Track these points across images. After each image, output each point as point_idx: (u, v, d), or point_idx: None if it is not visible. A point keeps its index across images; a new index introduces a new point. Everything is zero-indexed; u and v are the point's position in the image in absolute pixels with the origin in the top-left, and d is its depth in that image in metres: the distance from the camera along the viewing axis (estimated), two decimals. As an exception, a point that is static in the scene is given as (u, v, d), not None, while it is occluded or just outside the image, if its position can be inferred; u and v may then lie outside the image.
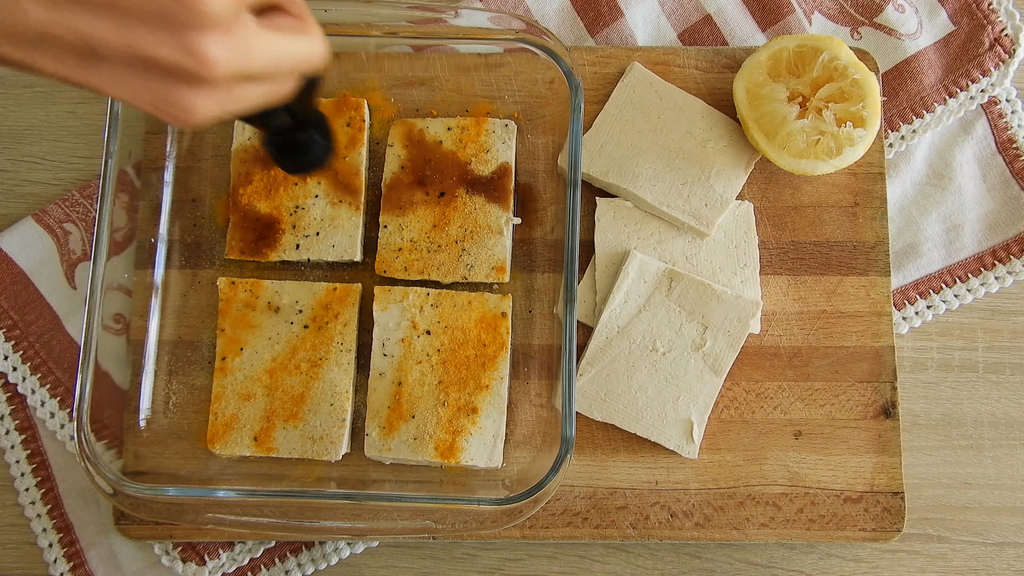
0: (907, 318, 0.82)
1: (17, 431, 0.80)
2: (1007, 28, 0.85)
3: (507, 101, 0.81)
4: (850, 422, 0.78)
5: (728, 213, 0.80)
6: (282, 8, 0.50)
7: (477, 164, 0.78)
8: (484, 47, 0.80)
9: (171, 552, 0.78)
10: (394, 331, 0.76)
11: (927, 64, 0.85)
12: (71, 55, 0.43)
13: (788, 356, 0.79)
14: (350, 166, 0.78)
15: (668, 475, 0.77)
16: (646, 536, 0.76)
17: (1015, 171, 0.84)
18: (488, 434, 0.75)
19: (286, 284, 0.77)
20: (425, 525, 0.71)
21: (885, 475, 0.77)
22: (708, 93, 0.82)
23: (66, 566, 0.78)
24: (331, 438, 0.75)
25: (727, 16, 0.86)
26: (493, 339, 0.76)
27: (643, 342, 0.77)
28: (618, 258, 0.79)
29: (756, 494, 0.77)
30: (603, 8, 0.85)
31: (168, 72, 0.44)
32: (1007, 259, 0.83)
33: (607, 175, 0.79)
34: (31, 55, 0.44)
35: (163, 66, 0.43)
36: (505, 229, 0.78)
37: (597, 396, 0.77)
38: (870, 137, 0.77)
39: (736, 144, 0.80)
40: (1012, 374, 0.82)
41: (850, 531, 0.76)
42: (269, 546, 0.78)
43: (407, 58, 0.82)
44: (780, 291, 0.80)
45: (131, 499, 0.70)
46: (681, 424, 0.77)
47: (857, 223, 0.81)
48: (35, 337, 0.80)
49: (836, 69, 0.77)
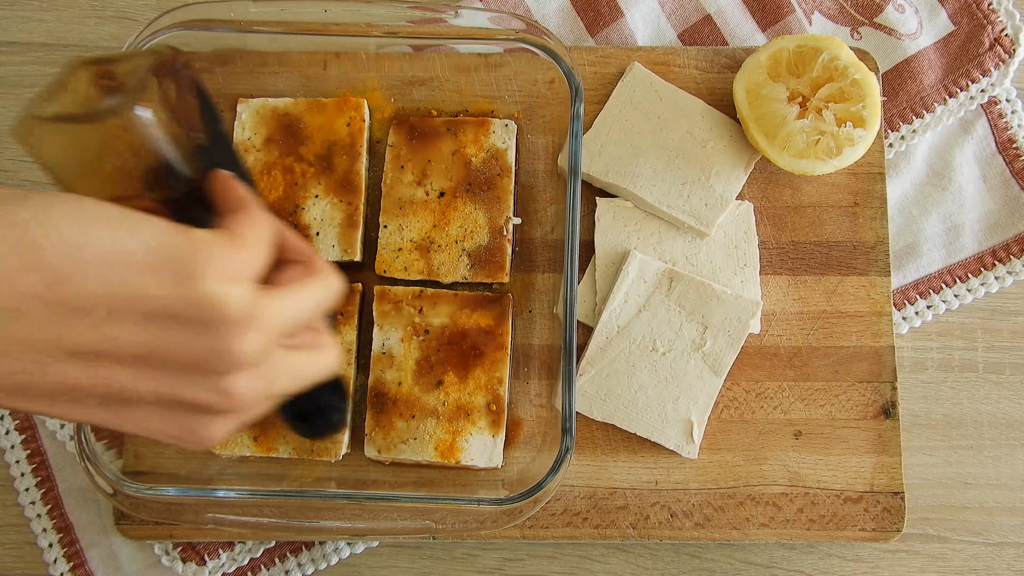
0: (907, 318, 0.82)
1: (17, 431, 0.80)
2: (1007, 28, 0.85)
3: (507, 101, 0.81)
4: (850, 422, 0.78)
5: (728, 213, 0.80)
6: (289, 260, 0.50)
7: (477, 164, 0.78)
8: (484, 47, 0.80)
9: (171, 552, 0.78)
10: (394, 331, 0.76)
11: (927, 64, 0.85)
12: (97, 403, 0.43)
13: (788, 356, 0.79)
14: (350, 166, 0.78)
15: (668, 475, 0.77)
16: (646, 536, 0.76)
17: (1015, 171, 0.84)
18: (488, 434, 0.75)
19: (286, 284, 0.77)
20: (425, 525, 0.71)
21: (885, 475, 0.77)
22: (708, 93, 0.82)
23: (66, 566, 0.78)
24: (331, 438, 0.75)
25: (727, 16, 0.86)
26: (493, 339, 0.76)
27: (643, 342, 0.77)
28: (618, 258, 0.79)
29: (756, 494, 0.77)
30: (603, 8, 0.85)
31: (194, 408, 0.44)
32: (1007, 259, 0.83)
33: (607, 175, 0.79)
34: (58, 407, 0.43)
35: (190, 405, 0.43)
36: (505, 229, 0.78)
37: (597, 396, 0.77)
38: (870, 137, 0.77)
39: (736, 144, 0.80)
40: (1012, 374, 0.82)
41: (850, 531, 0.76)
42: (269, 546, 0.78)
43: (407, 58, 0.82)
44: (780, 291, 0.80)
45: (131, 499, 0.70)
46: (681, 424, 0.77)
47: (857, 223, 0.81)
48: (35, 337, 0.80)
49: (836, 69, 0.77)
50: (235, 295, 0.41)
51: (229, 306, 0.41)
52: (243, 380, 0.43)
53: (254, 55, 0.81)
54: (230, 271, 0.42)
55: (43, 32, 0.85)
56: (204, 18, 0.75)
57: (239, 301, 0.42)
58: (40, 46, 0.85)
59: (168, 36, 0.75)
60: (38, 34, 0.85)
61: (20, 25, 0.85)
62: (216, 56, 0.80)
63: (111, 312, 0.40)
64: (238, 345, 0.42)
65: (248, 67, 0.81)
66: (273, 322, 0.44)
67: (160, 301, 0.40)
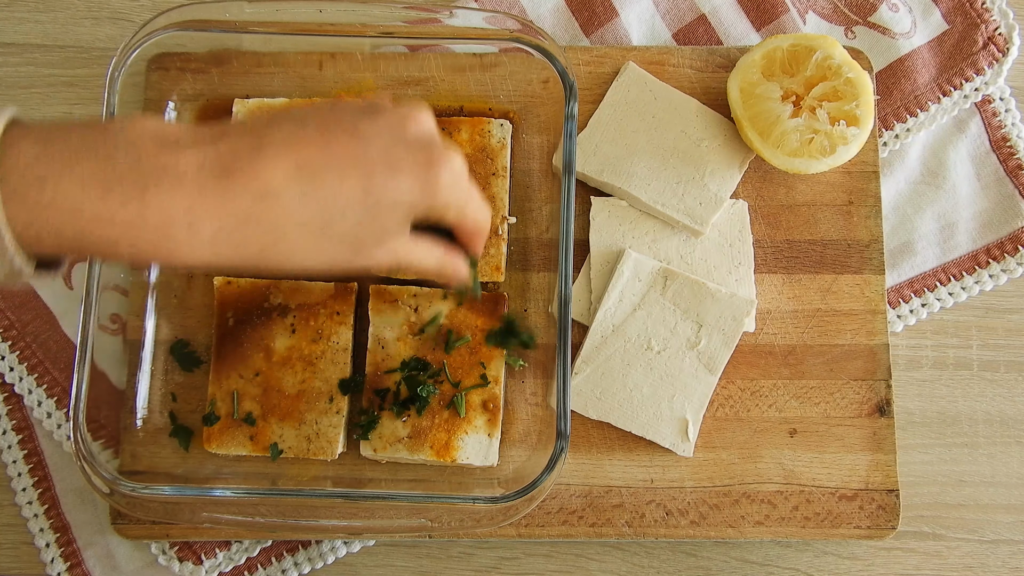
0: (902, 316, 0.82)
1: (14, 431, 0.80)
2: (1000, 27, 0.85)
3: (502, 101, 0.81)
4: (845, 420, 0.78)
5: (722, 212, 0.80)
6: None
7: (472, 163, 0.78)
8: (479, 47, 0.80)
9: (168, 552, 0.78)
10: (389, 330, 0.76)
11: (921, 63, 0.85)
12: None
13: (783, 354, 0.79)
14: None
15: (663, 473, 0.77)
16: (642, 534, 0.76)
17: (1009, 169, 0.84)
18: (483, 433, 0.75)
19: (282, 284, 0.77)
20: (421, 524, 0.72)
21: (880, 473, 0.77)
22: (702, 92, 0.82)
23: (63, 566, 0.78)
24: (327, 437, 0.75)
25: (721, 16, 0.86)
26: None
27: (638, 341, 0.77)
28: (613, 257, 0.79)
29: (751, 492, 0.77)
30: (598, 8, 0.86)
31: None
32: (1001, 257, 0.83)
33: (602, 174, 0.79)
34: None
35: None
36: (500, 228, 0.78)
37: (592, 394, 0.77)
38: (864, 136, 0.77)
39: (730, 143, 0.80)
40: (1006, 372, 0.82)
41: (845, 529, 0.77)
42: (266, 545, 0.79)
43: (402, 58, 0.82)
44: (775, 289, 0.80)
45: (128, 498, 0.70)
46: (676, 422, 0.77)
47: (851, 221, 0.81)
48: (32, 337, 0.80)
49: (830, 68, 0.77)
50: None
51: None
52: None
53: (250, 55, 0.81)
54: None
55: (39, 34, 0.85)
56: (200, 19, 0.75)
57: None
58: (36, 47, 0.85)
59: (164, 37, 0.75)
60: (34, 35, 0.85)
61: (16, 27, 0.85)
62: (212, 57, 0.81)
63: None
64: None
65: (244, 67, 0.81)
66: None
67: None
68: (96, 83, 0.84)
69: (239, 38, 0.79)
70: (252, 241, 0.51)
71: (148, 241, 0.49)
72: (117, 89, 0.74)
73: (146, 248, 0.49)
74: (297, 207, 0.51)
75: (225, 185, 0.49)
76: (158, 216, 0.48)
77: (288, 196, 0.50)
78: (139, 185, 0.48)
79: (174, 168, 0.49)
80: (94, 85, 0.84)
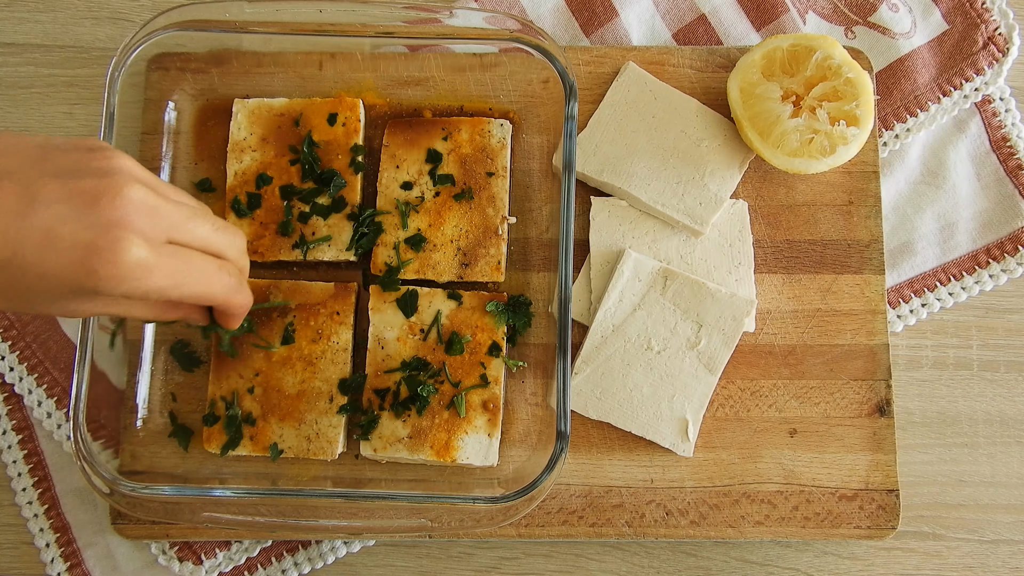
0: (902, 316, 0.82)
1: (14, 431, 0.80)
2: (1000, 27, 0.85)
3: (502, 101, 0.81)
4: (845, 420, 0.78)
5: (722, 212, 0.80)
6: None
7: (472, 164, 0.78)
8: (479, 47, 0.80)
9: (168, 552, 0.78)
10: (389, 330, 0.76)
11: (921, 63, 0.85)
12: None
13: (783, 354, 0.79)
14: (345, 165, 0.78)
15: (663, 473, 0.77)
16: (642, 534, 0.76)
17: (1009, 169, 0.84)
18: (484, 433, 0.75)
19: (282, 284, 0.77)
20: (421, 524, 0.72)
21: (880, 473, 0.77)
22: (702, 92, 0.82)
23: (63, 566, 0.78)
24: (327, 437, 0.75)
25: (721, 16, 0.86)
26: (489, 338, 0.76)
27: (638, 341, 0.77)
28: (613, 257, 0.79)
29: (751, 492, 0.77)
30: (598, 8, 0.86)
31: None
32: (1001, 257, 0.83)
33: (602, 174, 0.79)
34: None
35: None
36: (500, 228, 0.78)
37: (592, 394, 0.77)
38: (864, 136, 0.77)
39: (730, 143, 0.80)
40: (1006, 372, 0.82)
41: (845, 529, 0.77)
42: (266, 545, 0.79)
43: (402, 58, 0.82)
44: (775, 289, 0.80)
45: (128, 498, 0.70)
46: (676, 422, 0.77)
47: (851, 221, 0.81)
48: (32, 337, 0.80)
49: (830, 68, 0.77)
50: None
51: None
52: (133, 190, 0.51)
53: (250, 55, 0.81)
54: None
55: (39, 33, 0.85)
56: (200, 19, 0.75)
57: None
58: (36, 47, 0.85)
59: (164, 37, 0.75)
60: (34, 35, 0.85)
61: (16, 27, 0.85)
62: (212, 57, 0.81)
63: None
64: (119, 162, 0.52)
65: (244, 67, 0.81)
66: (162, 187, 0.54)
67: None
68: (96, 83, 0.84)
69: (239, 38, 0.79)
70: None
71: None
72: (117, 89, 0.74)
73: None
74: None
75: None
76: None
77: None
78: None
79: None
80: (94, 85, 0.84)
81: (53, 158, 0.51)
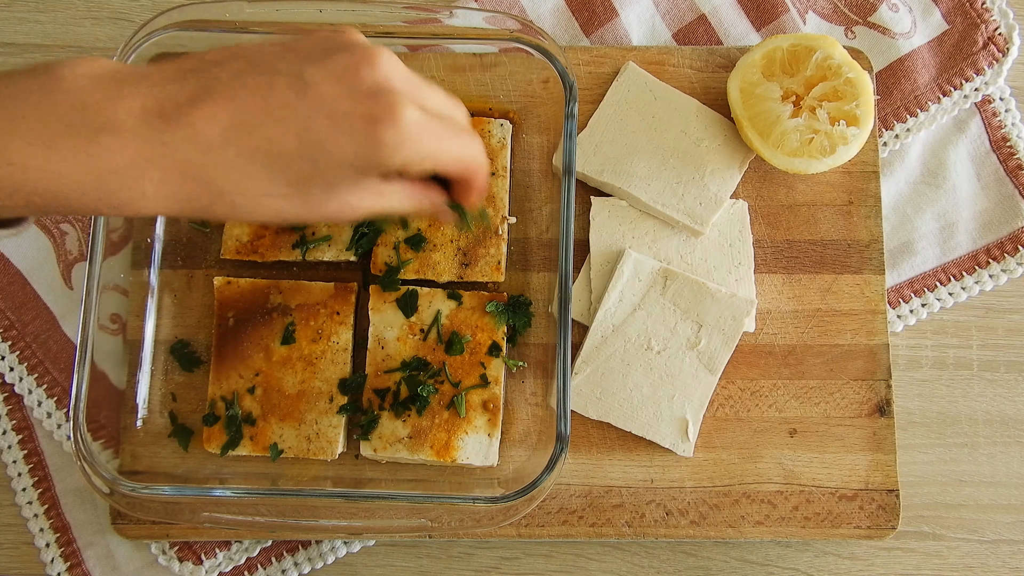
0: (902, 316, 0.82)
1: (14, 431, 0.80)
2: (1000, 27, 0.85)
3: (502, 101, 0.81)
4: (845, 420, 0.78)
5: (722, 212, 0.80)
6: None
7: (472, 164, 0.78)
8: (479, 47, 0.80)
9: (168, 552, 0.78)
10: (389, 330, 0.76)
11: (921, 63, 0.85)
12: None
13: (783, 354, 0.79)
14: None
15: (663, 473, 0.77)
16: (642, 534, 0.76)
17: (1009, 169, 0.84)
18: (484, 433, 0.75)
19: (282, 284, 0.77)
20: (421, 524, 0.72)
21: (880, 473, 0.77)
22: (702, 92, 0.82)
23: (63, 566, 0.78)
24: (327, 437, 0.75)
25: (721, 16, 0.86)
26: (489, 338, 0.76)
27: (638, 341, 0.77)
28: (613, 257, 0.79)
29: (751, 492, 0.77)
30: (598, 8, 0.86)
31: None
32: (1001, 257, 0.83)
33: (602, 174, 0.79)
34: None
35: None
36: (500, 228, 0.78)
37: (592, 394, 0.77)
38: (864, 136, 0.77)
39: (730, 143, 0.80)
40: (1006, 372, 0.82)
41: (845, 529, 0.77)
42: (266, 545, 0.79)
43: (402, 58, 0.81)
44: (775, 289, 0.80)
45: (128, 498, 0.70)
46: (676, 422, 0.77)
47: (851, 221, 0.81)
48: (32, 337, 0.80)
49: (830, 68, 0.77)
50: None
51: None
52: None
53: (250, 55, 0.81)
54: None
55: (39, 33, 0.85)
56: (200, 19, 0.75)
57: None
58: (36, 47, 0.85)
59: (164, 37, 0.75)
60: (34, 35, 0.85)
61: (16, 26, 0.85)
62: (212, 57, 0.80)
63: None
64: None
65: (244, 67, 0.81)
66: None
67: None
68: (96, 83, 0.84)
69: (239, 38, 0.79)
70: (196, 196, 0.50)
71: (95, 195, 0.48)
72: (117, 89, 0.74)
73: (95, 201, 0.48)
74: (233, 167, 0.50)
75: (165, 135, 0.48)
76: (101, 170, 0.47)
77: (225, 157, 0.49)
78: (81, 137, 0.47)
79: (114, 117, 0.48)
80: (94, 85, 0.84)
81: (298, 48, 0.52)
